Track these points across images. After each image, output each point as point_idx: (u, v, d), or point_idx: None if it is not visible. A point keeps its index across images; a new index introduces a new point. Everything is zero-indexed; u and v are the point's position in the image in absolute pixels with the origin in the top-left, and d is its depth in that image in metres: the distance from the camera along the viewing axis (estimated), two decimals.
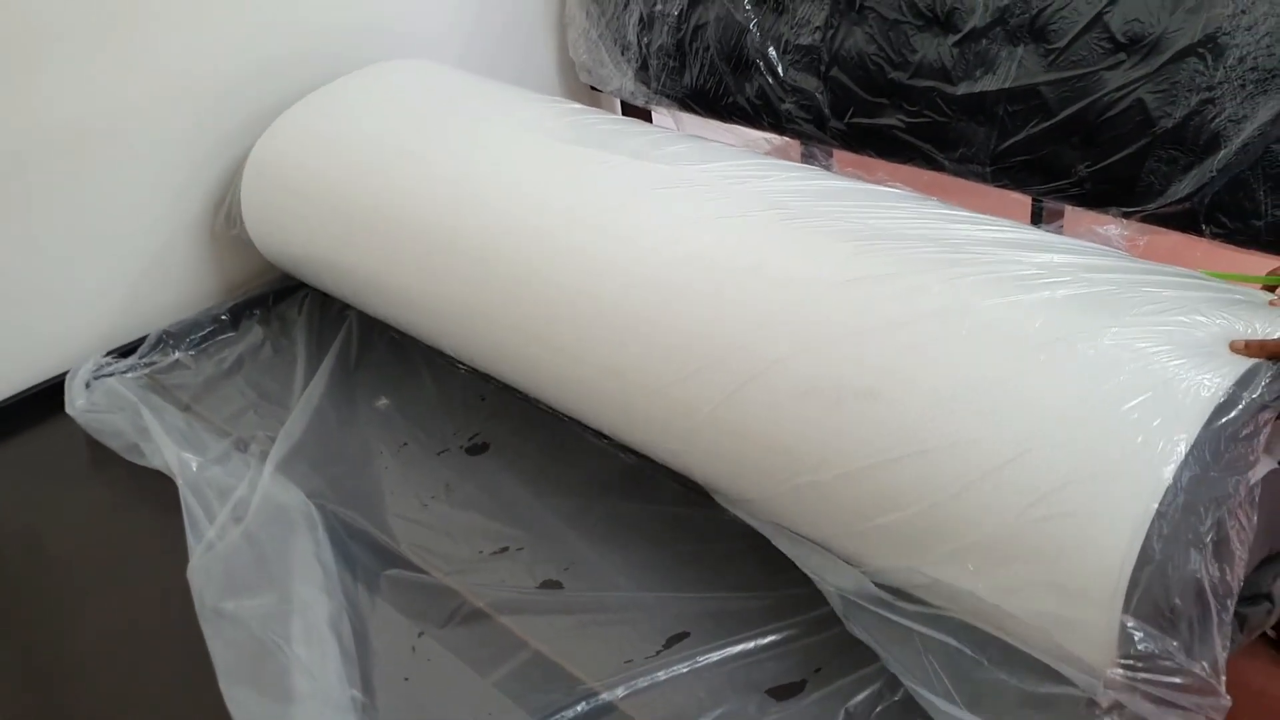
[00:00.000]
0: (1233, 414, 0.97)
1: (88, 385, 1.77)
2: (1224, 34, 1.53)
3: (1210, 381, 0.99)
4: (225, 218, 1.96)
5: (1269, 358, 0.99)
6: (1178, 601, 0.95)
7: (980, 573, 1.06)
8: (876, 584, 1.19)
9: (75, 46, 1.74)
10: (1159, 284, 1.16)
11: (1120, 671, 0.96)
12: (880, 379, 1.15)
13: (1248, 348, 0.99)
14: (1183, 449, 0.96)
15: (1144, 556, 0.95)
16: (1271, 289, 1.16)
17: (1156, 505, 0.95)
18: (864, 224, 1.34)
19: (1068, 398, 1.05)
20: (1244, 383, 0.99)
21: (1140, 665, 0.95)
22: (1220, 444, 0.97)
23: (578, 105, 1.84)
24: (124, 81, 1.82)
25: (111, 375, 1.81)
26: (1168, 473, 0.96)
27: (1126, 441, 0.99)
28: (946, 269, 1.22)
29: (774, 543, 1.29)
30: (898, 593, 1.18)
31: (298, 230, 1.86)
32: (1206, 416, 0.97)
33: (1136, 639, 0.95)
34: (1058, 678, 1.06)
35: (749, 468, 1.27)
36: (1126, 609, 0.95)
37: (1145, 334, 1.06)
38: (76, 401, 1.73)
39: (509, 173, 1.61)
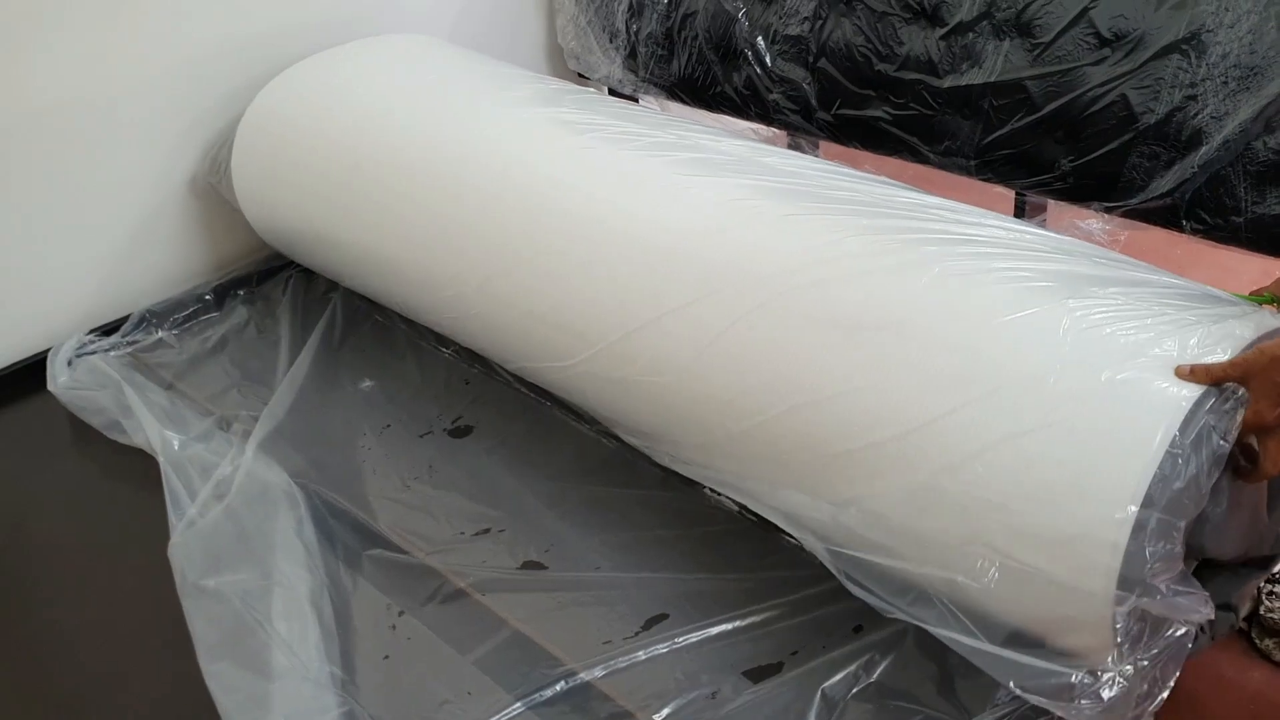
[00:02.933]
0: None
1: (70, 363, 1.77)
2: (1207, 31, 1.54)
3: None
4: (211, 164, 1.95)
5: (1212, 383, 1.01)
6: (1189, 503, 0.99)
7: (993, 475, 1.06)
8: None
9: (55, 24, 1.73)
10: (1159, 284, 1.19)
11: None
12: (897, 314, 1.18)
13: (1193, 373, 1.01)
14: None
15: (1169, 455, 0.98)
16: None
17: (1181, 417, 0.99)
18: (883, 197, 1.38)
19: (1087, 339, 1.08)
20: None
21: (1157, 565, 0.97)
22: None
23: (576, 85, 1.85)
24: (107, 60, 1.81)
25: (94, 353, 1.80)
26: (1187, 401, 1.00)
27: (1150, 377, 1.03)
28: (964, 244, 1.26)
29: (756, 507, 1.30)
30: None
31: (285, 189, 1.85)
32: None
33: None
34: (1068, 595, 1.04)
35: (754, 389, 1.26)
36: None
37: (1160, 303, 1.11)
38: (59, 378, 1.72)
39: (509, 143, 1.60)
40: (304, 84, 1.90)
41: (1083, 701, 1.00)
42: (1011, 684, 1.03)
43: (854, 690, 1.19)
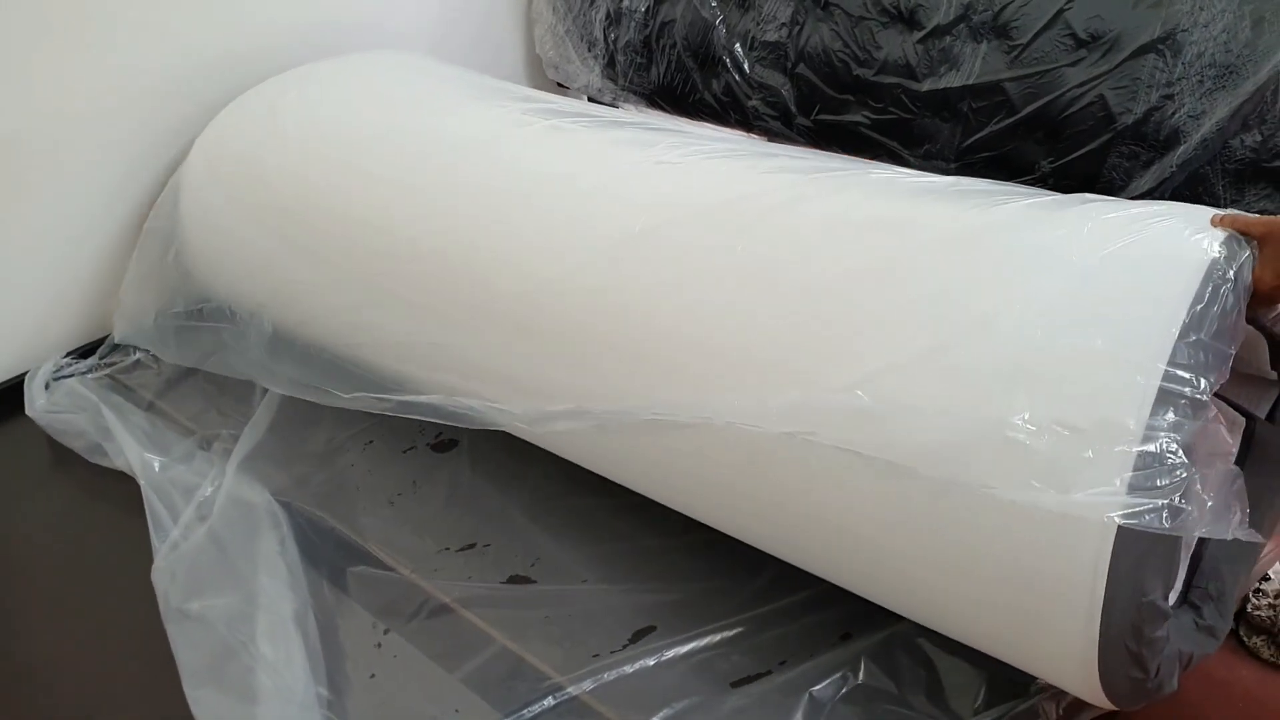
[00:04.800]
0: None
1: (47, 386, 1.75)
2: (1182, 31, 1.55)
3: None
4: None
5: (1240, 231, 1.06)
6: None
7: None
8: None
9: (34, 47, 1.72)
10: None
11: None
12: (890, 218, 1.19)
13: (1223, 221, 1.07)
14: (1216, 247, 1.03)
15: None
16: None
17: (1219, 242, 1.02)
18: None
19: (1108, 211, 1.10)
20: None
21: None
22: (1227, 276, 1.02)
23: (548, 95, 1.82)
24: (81, 79, 1.79)
25: (71, 376, 1.78)
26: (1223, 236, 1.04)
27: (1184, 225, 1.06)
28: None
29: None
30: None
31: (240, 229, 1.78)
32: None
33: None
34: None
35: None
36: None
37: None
38: (36, 402, 1.71)
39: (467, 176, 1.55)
40: (244, 124, 1.85)
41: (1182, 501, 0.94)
42: (1116, 517, 0.94)
43: (842, 691, 1.19)
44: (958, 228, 1.14)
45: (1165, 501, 0.92)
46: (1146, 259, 1.03)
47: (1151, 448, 0.93)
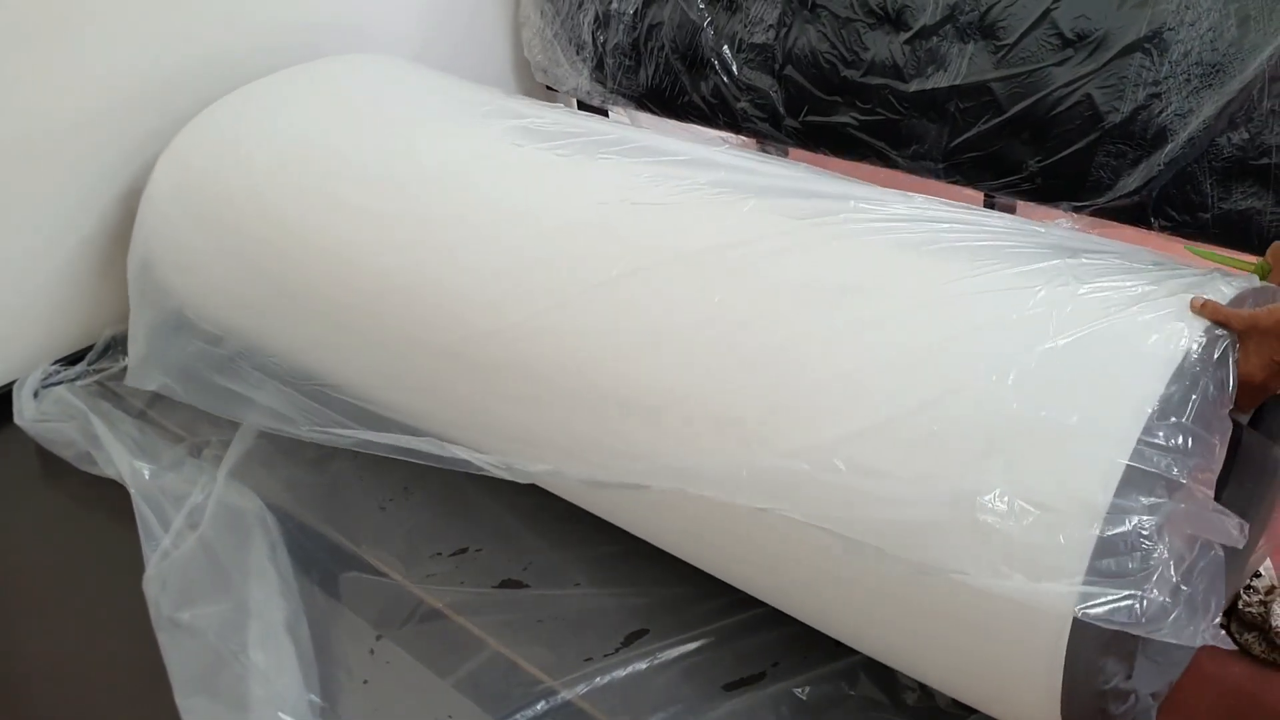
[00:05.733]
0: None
1: (36, 394, 1.74)
2: (1168, 29, 1.55)
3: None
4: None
5: (1220, 324, 1.03)
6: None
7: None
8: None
9: (13, 53, 1.71)
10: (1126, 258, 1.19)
11: None
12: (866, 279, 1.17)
13: (1204, 307, 1.04)
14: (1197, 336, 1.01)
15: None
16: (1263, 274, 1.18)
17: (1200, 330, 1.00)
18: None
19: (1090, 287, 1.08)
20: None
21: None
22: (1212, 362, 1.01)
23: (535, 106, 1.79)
24: (69, 83, 1.79)
25: (60, 384, 1.77)
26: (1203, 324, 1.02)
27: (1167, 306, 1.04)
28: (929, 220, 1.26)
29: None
30: None
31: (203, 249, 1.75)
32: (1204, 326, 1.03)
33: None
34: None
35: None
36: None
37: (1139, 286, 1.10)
38: (25, 411, 1.70)
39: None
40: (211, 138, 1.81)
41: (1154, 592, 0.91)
42: (1079, 612, 0.91)
43: (834, 698, 1.19)
44: (936, 293, 1.12)
45: (1133, 593, 0.90)
46: (1124, 342, 1.01)
47: (1123, 531, 0.91)
